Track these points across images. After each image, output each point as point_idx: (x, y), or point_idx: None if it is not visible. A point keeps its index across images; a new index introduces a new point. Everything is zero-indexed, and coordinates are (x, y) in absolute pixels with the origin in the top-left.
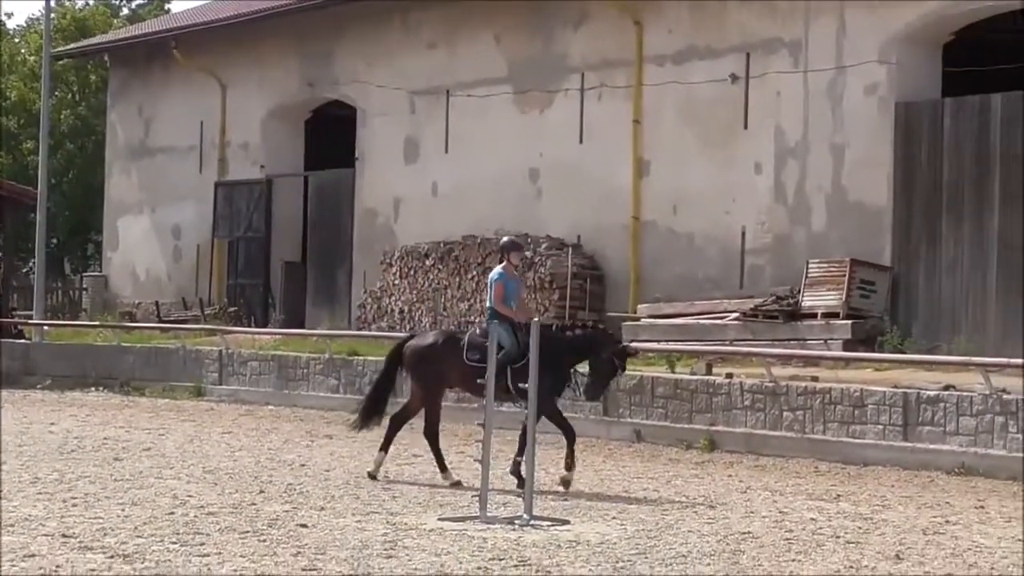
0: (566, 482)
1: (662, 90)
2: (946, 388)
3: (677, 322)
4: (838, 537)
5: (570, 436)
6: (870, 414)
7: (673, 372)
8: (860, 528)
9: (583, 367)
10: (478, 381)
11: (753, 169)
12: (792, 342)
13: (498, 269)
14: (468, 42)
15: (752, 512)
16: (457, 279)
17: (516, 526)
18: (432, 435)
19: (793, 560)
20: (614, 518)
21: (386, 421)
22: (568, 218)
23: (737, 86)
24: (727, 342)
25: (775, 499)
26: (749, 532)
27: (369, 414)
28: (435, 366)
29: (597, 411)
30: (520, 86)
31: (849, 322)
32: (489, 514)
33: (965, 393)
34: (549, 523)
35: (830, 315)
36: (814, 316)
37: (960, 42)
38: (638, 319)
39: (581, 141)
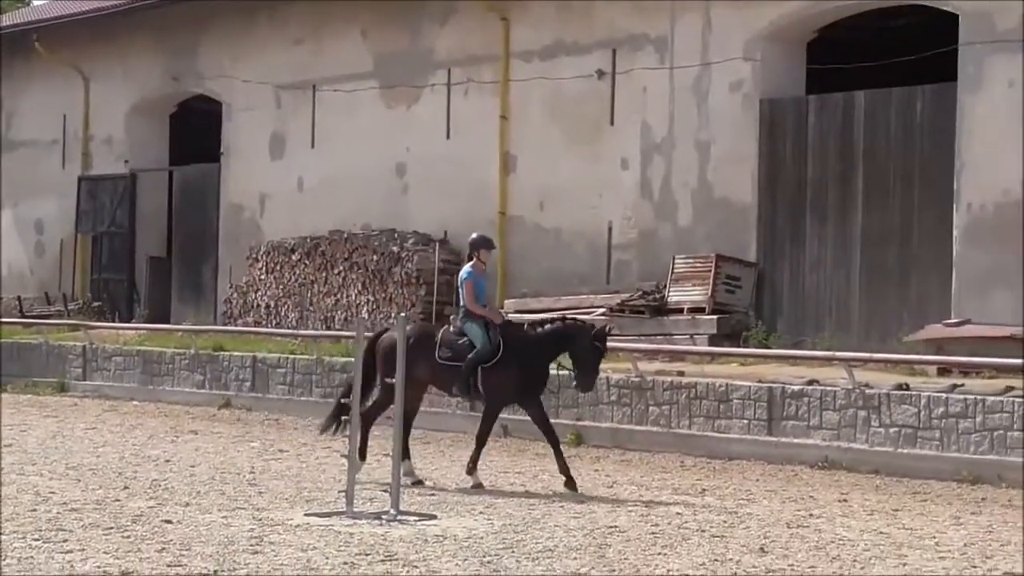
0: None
1: (529, 86)
2: (810, 383)
3: (544, 317)
4: (703, 531)
5: (482, 443)
6: (735, 409)
7: None
8: (725, 522)
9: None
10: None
11: (619, 165)
12: (658, 337)
13: (467, 267)
14: (334, 37)
15: (618, 506)
16: (324, 274)
17: (383, 521)
18: (368, 418)
19: (659, 554)
20: (481, 513)
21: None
22: (435, 213)
23: (604, 82)
24: None
25: (641, 493)
26: (615, 526)
27: (341, 412)
28: (407, 360)
29: (464, 406)
30: (387, 81)
31: (715, 317)
32: (356, 509)
33: (829, 388)
34: (416, 518)
35: (696, 310)
36: (680, 311)
37: (824, 40)
38: (505, 315)
39: (448, 136)
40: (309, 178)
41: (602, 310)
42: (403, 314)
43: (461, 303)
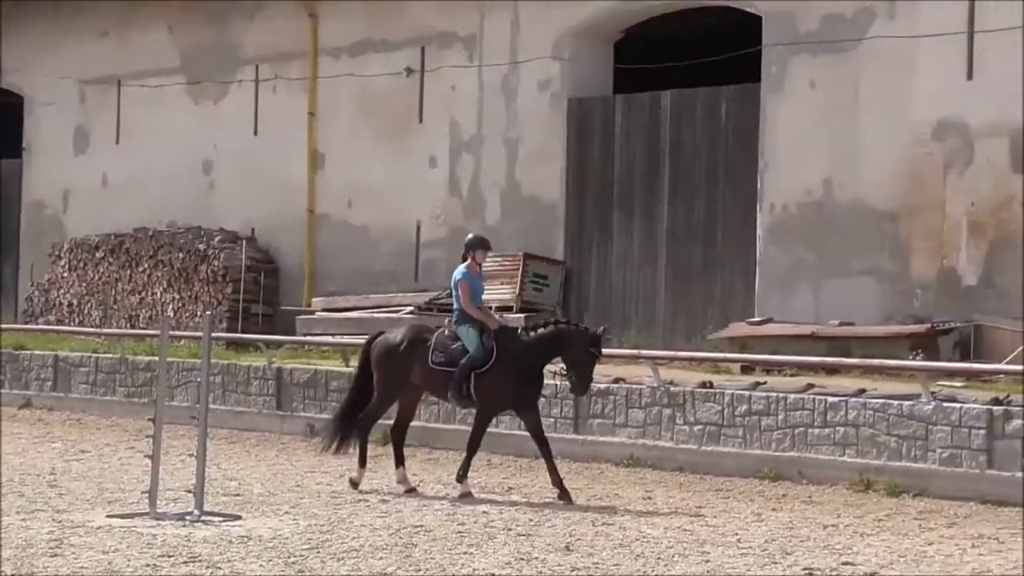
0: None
1: (337, 83)
2: (616, 381)
3: (352, 315)
4: (509, 529)
5: (472, 451)
6: (542, 407)
7: (348, 366)
8: (531, 520)
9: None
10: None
11: (428, 163)
12: None
13: (462, 268)
14: (141, 31)
15: (425, 505)
16: (128, 272)
17: (186, 522)
18: (365, 425)
19: (465, 553)
20: (287, 513)
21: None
22: (243, 211)
23: (412, 80)
24: None
25: (448, 492)
26: (422, 525)
27: (343, 428)
28: (398, 365)
29: (270, 405)
30: (194, 76)
31: (522, 315)
32: (159, 510)
33: (634, 386)
34: (220, 519)
35: (504, 308)
36: (488, 309)
37: (631, 39)
38: (313, 312)
39: (256, 133)
40: (114, 174)
41: (410, 308)
42: (208, 312)
43: (456, 306)
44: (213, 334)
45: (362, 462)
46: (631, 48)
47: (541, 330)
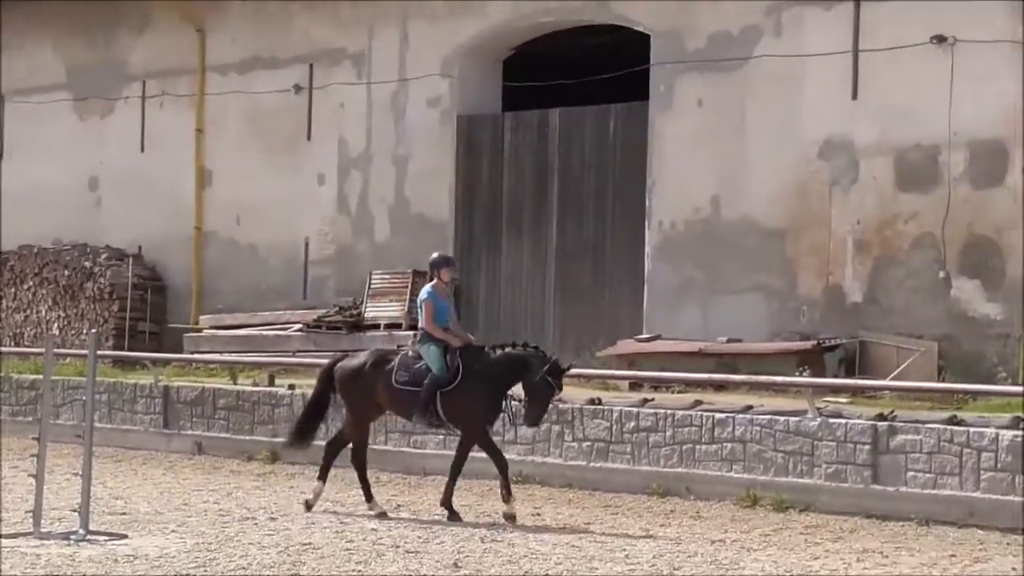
0: (509, 516)
1: (225, 99)
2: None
3: (240, 333)
4: (398, 546)
5: (503, 466)
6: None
7: (235, 384)
8: (420, 537)
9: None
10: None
11: (317, 180)
12: (355, 352)
13: (427, 288)
14: (24, 46)
15: (313, 523)
16: (13, 290)
17: (72, 541)
18: (359, 461)
19: (353, 570)
20: (173, 531)
21: (318, 448)
22: (129, 228)
23: (301, 97)
24: (290, 353)
25: (337, 510)
26: (310, 543)
27: (301, 435)
28: (363, 387)
29: (157, 424)
30: (79, 92)
31: (412, 333)
32: (43, 529)
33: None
34: (106, 538)
35: (393, 326)
36: (377, 327)
37: (520, 57)
38: (200, 330)
39: (143, 150)
40: None
41: (299, 326)
42: (94, 330)
43: (420, 325)
44: (99, 352)
45: (321, 476)
46: (520, 66)
47: (509, 350)
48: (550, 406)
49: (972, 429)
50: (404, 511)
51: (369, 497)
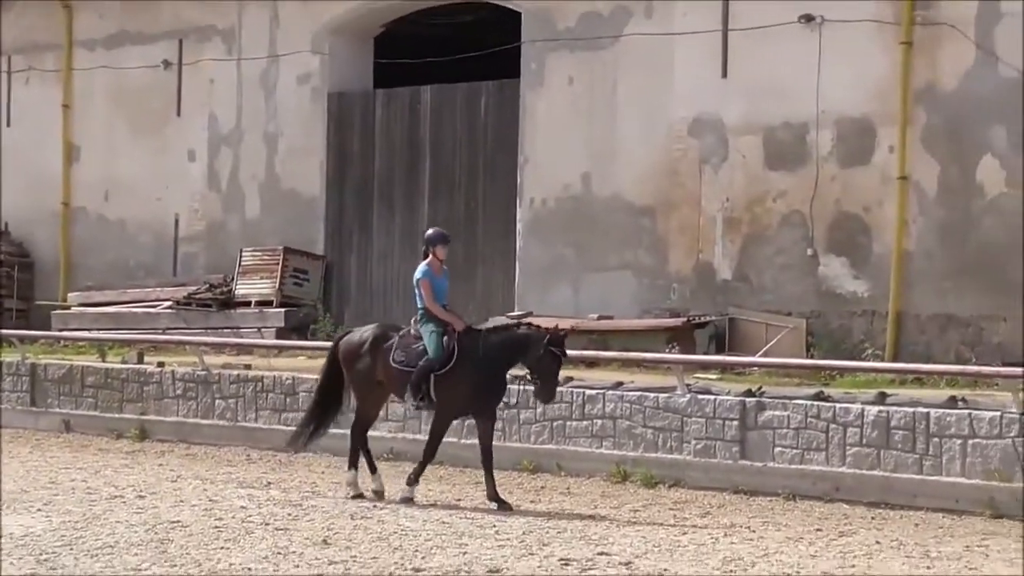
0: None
1: (93, 75)
2: None
3: (109, 310)
4: (267, 524)
5: (428, 457)
6: (302, 401)
7: (104, 361)
8: (290, 514)
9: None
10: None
11: (187, 156)
12: (226, 330)
13: (422, 266)
14: None
15: (182, 501)
16: None
17: None
18: (360, 434)
19: (222, 548)
20: (39, 510)
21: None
22: None
23: (170, 73)
24: (160, 330)
25: (206, 487)
26: (178, 521)
27: (313, 428)
28: (364, 363)
29: (24, 401)
30: None
31: (283, 310)
32: None
33: None
34: None
35: (264, 303)
36: (248, 304)
37: (391, 34)
38: (69, 307)
39: (9, 125)
40: None
41: (168, 303)
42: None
43: (419, 304)
44: None
45: (372, 469)
46: (391, 43)
47: (504, 333)
48: (559, 377)
49: (838, 405)
50: (274, 488)
51: (353, 464)
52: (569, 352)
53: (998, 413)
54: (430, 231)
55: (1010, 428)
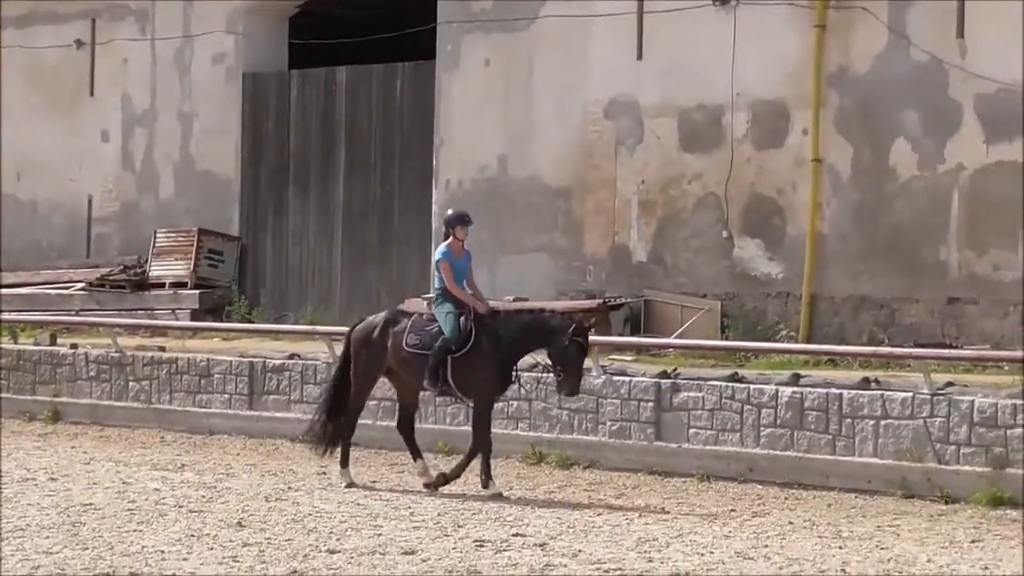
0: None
1: (6, 54)
2: (291, 357)
3: (21, 292)
4: (181, 506)
5: (487, 451)
6: (216, 383)
7: (16, 343)
8: (204, 496)
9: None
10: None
11: (100, 136)
12: (140, 312)
13: (442, 247)
14: None
15: (95, 483)
16: None
17: None
18: (350, 426)
19: (135, 530)
20: None
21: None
22: None
23: (83, 52)
24: (73, 312)
25: (119, 470)
26: (91, 504)
27: (331, 421)
28: (373, 351)
29: None
30: None
31: (197, 292)
32: None
33: (310, 362)
34: None
35: (178, 285)
36: (162, 286)
37: (307, 15)
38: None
39: None
40: None
41: (81, 284)
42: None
43: (436, 285)
44: None
45: (344, 462)
46: (307, 23)
47: (527, 316)
48: (583, 369)
49: (753, 386)
50: (189, 470)
51: (416, 454)
52: None
53: (910, 394)
54: (450, 212)
55: (922, 409)
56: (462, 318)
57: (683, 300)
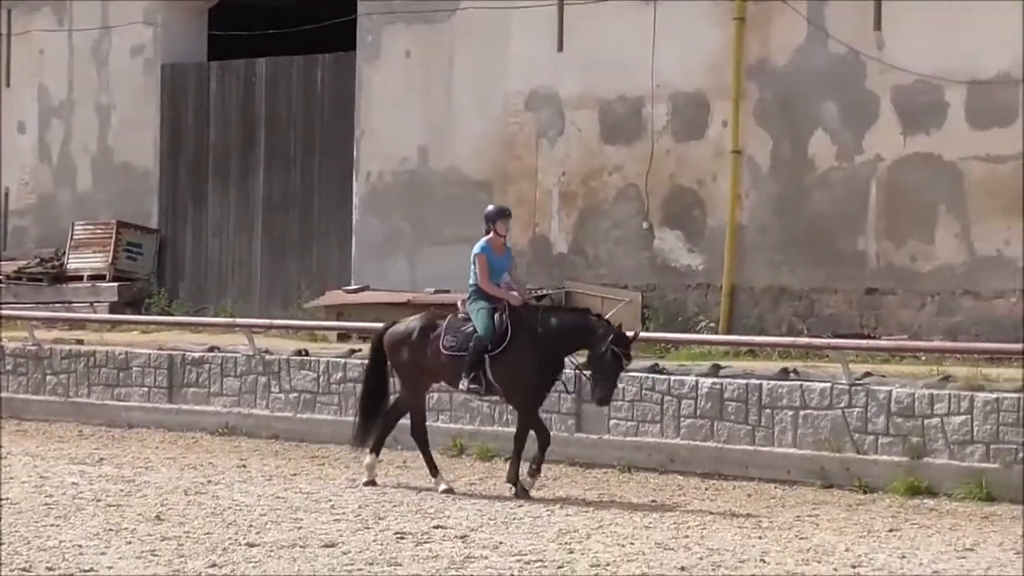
0: (525, 487)
1: None
2: (211, 349)
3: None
4: (99, 500)
5: (544, 442)
6: (135, 376)
7: None
8: (122, 490)
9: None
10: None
11: (16, 128)
12: (57, 305)
13: (482, 242)
14: None
15: (12, 478)
16: None
17: None
18: (420, 435)
19: (52, 525)
20: None
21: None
22: None
23: None
24: None
25: (36, 464)
26: (7, 498)
27: (367, 422)
28: (413, 355)
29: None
30: None
31: (116, 284)
32: None
33: (229, 354)
34: None
35: (96, 277)
36: (80, 278)
37: (226, 6)
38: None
39: None
40: None
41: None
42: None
43: (471, 282)
44: None
45: (374, 450)
46: (226, 14)
47: (568, 315)
48: (618, 381)
49: (673, 377)
50: (107, 464)
51: (434, 471)
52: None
53: (828, 384)
54: (490, 207)
55: (840, 399)
56: (496, 315)
57: (604, 291)
